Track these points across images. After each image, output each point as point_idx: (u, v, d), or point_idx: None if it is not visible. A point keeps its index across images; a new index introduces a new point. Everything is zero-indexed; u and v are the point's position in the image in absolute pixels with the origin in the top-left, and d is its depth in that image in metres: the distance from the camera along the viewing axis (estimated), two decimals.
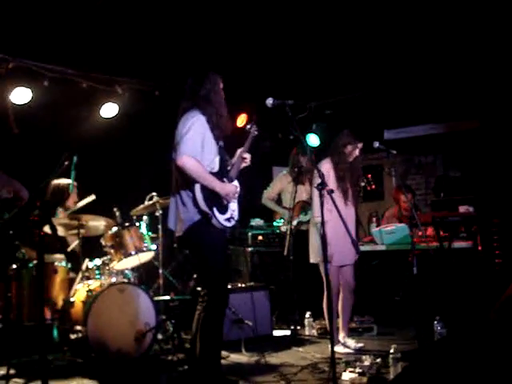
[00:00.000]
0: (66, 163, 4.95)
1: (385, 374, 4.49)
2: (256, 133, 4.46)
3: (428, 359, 4.30)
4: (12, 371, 4.63)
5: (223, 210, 4.07)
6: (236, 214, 4.21)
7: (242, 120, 7.48)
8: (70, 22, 5.70)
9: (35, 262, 5.20)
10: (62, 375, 4.71)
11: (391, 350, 4.45)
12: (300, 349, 5.62)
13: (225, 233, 4.16)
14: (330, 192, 3.96)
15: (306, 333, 6.27)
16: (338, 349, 5.32)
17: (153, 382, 4.68)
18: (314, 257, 5.50)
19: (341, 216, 4.04)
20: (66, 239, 5.71)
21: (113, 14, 5.68)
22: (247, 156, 4.38)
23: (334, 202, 4.02)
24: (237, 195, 4.19)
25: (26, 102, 6.30)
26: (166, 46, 6.33)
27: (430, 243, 6.03)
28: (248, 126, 4.50)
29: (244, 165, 4.38)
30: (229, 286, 4.54)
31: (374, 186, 5.75)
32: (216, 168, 4.08)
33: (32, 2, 5.34)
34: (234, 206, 4.20)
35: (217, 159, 4.10)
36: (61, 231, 5.36)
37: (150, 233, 5.76)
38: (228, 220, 4.10)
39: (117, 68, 6.74)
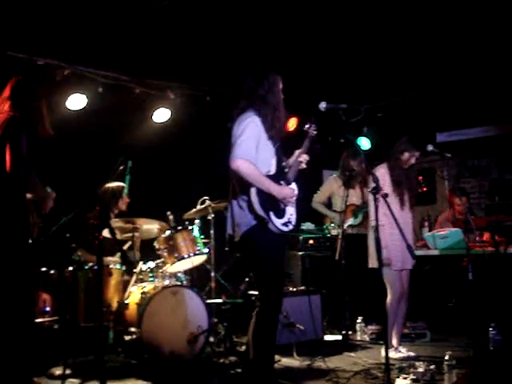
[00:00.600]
0: (121, 168, 5.06)
1: (439, 381, 4.40)
2: (315, 133, 4.29)
3: (484, 368, 4.23)
4: (68, 371, 4.72)
5: (280, 214, 3.95)
6: (294, 219, 4.07)
7: (292, 124, 7.48)
8: (123, 29, 5.80)
9: (90, 264, 5.32)
10: (117, 376, 4.78)
11: (446, 357, 4.37)
12: (352, 354, 5.58)
13: (282, 237, 4.03)
14: (385, 196, 3.92)
15: (358, 338, 6.24)
16: (391, 355, 5.25)
17: None
18: (373, 261, 5.44)
19: (396, 220, 3.99)
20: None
21: (164, 21, 5.76)
22: (304, 158, 4.22)
23: (388, 206, 3.98)
24: (294, 198, 4.05)
25: (81, 107, 6.46)
26: (218, 51, 6.39)
27: (485, 248, 5.91)
28: (306, 126, 4.31)
29: (301, 167, 4.22)
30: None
31: (424, 189, 5.69)
32: (273, 170, 3.97)
33: (86, 10, 5.45)
34: (291, 210, 4.06)
35: (273, 161, 4.00)
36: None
37: (202, 236, 5.78)
38: (285, 224, 3.97)
39: (169, 73, 6.83)
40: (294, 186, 4.13)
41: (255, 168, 3.84)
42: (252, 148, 3.86)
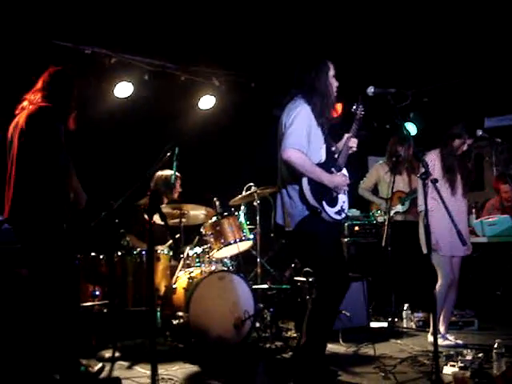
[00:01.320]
0: (169, 154, 5.10)
1: (488, 369, 4.33)
2: (363, 113, 4.14)
3: None
4: (117, 354, 4.83)
5: (333, 202, 3.90)
6: (346, 206, 4.01)
7: (337, 109, 7.42)
8: (168, 16, 5.84)
9: (139, 249, 5.42)
10: (165, 359, 4.86)
11: (495, 345, 4.30)
12: (398, 341, 5.54)
13: (337, 225, 4.00)
14: (434, 181, 3.87)
15: (404, 325, 6.20)
16: (438, 342, 5.18)
17: (251, 369, 4.74)
18: (423, 247, 5.35)
19: (445, 205, 3.93)
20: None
21: (209, 8, 5.78)
22: (354, 142, 4.11)
23: (438, 192, 3.93)
24: (346, 185, 4.00)
25: (127, 95, 6.55)
26: (262, 37, 6.37)
27: None
28: (354, 107, 4.17)
29: (352, 151, 4.12)
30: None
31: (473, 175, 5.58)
32: (323, 158, 3.91)
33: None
34: (343, 197, 4.01)
35: (324, 149, 3.94)
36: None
37: (247, 222, 5.81)
38: (338, 213, 3.92)
39: (213, 60, 6.85)
40: (345, 171, 4.07)
41: (307, 158, 3.79)
42: (303, 137, 3.81)
